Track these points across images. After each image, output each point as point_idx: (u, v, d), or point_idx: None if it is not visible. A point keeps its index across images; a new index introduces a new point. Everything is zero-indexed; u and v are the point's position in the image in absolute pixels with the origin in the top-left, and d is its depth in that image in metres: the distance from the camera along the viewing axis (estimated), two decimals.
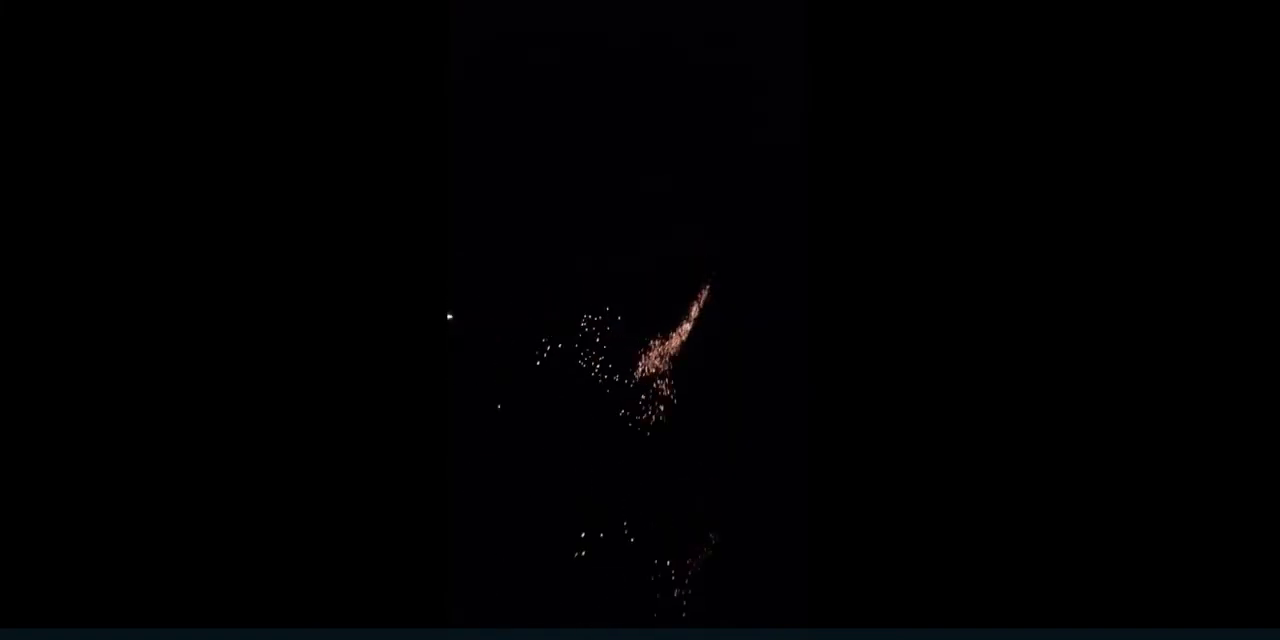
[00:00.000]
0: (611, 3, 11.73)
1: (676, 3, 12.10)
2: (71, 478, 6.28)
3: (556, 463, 11.42)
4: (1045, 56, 6.50)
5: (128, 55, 6.57)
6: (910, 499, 6.49)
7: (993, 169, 6.54)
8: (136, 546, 6.30)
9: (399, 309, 6.78)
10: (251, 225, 6.65)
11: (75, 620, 6.13)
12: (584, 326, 11.93)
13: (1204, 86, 6.28)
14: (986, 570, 6.31)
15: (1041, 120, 6.50)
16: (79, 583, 6.21)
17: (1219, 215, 6.25)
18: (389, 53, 6.84)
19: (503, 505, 10.82)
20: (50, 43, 6.48)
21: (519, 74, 11.88)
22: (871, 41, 6.71)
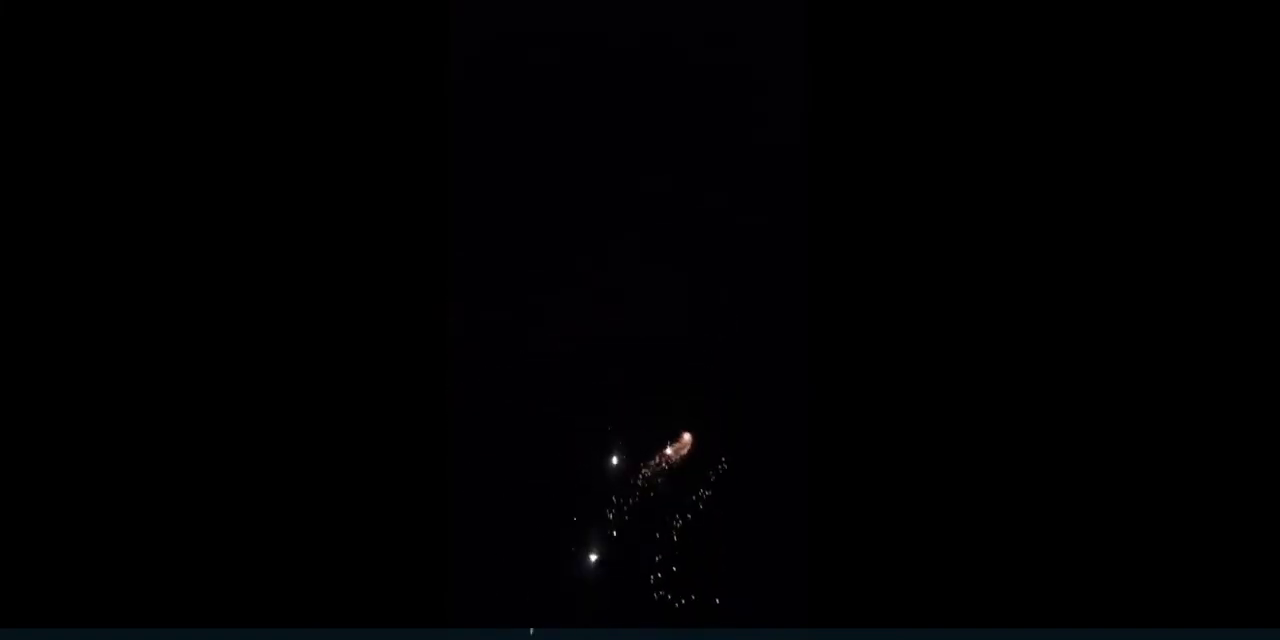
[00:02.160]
0: (611, 3, 11.71)
1: (676, 3, 12.08)
2: (72, 478, 6.27)
3: (556, 463, 11.38)
4: (1044, 57, 6.49)
5: (129, 55, 6.56)
6: (909, 500, 6.49)
7: (991, 168, 6.53)
8: (137, 546, 6.29)
9: (399, 307, 6.77)
10: (252, 224, 6.64)
11: (75, 620, 6.12)
12: (585, 330, 11.89)
13: (1203, 87, 6.27)
14: (986, 570, 6.30)
15: (1040, 120, 6.49)
16: (79, 583, 6.20)
17: (1218, 215, 6.24)
18: (389, 52, 6.84)
19: (502, 506, 10.79)
20: (51, 43, 6.48)
21: (519, 74, 11.85)
22: (871, 41, 6.70)
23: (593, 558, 10.92)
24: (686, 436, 11.07)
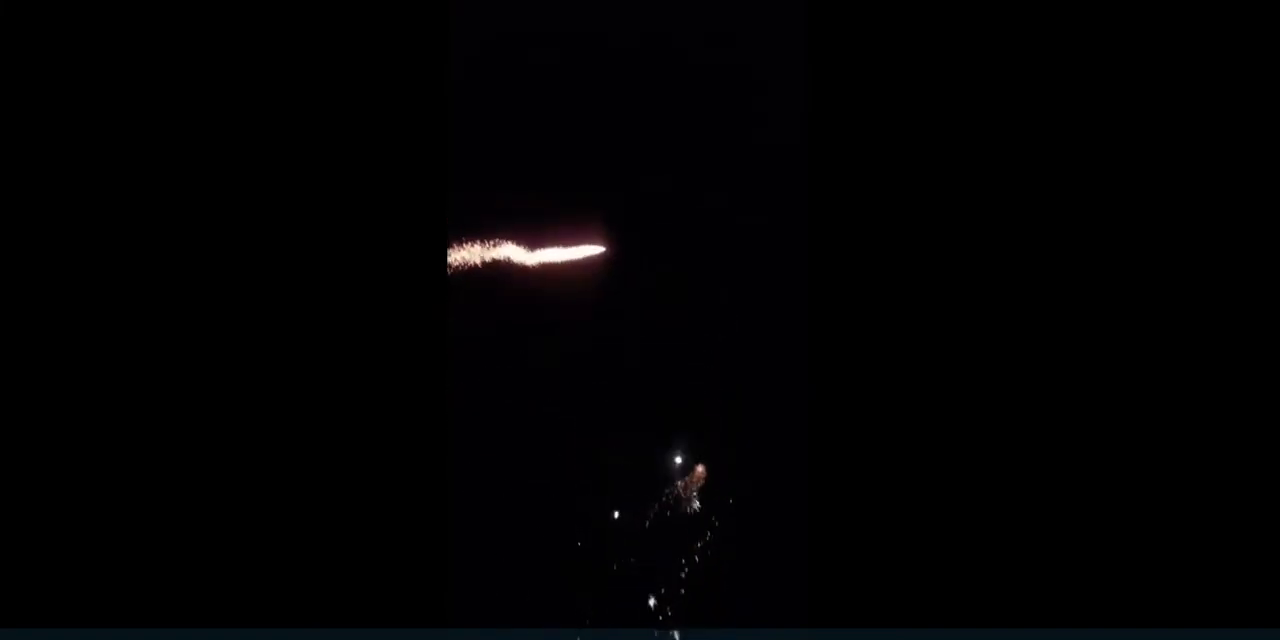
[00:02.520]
0: (611, 3, 11.71)
1: (676, 3, 12.08)
2: (72, 479, 6.27)
3: (555, 464, 11.38)
4: (1043, 57, 6.49)
5: (129, 55, 6.56)
6: (909, 500, 6.49)
7: (991, 168, 6.53)
8: (137, 546, 6.29)
9: (398, 307, 6.78)
10: (251, 224, 6.64)
11: (75, 620, 6.13)
12: (578, 323, 11.89)
13: (1203, 87, 6.28)
14: (986, 570, 6.31)
15: (1040, 120, 6.50)
16: (79, 583, 6.20)
17: (1218, 216, 6.24)
18: (389, 52, 6.84)
19: (502, 506, 10.79)
20: (51, 43, 6.48)
21: (519, 74, 11.85)
22: (871, 41, 6.70)
23: (592, 556, 10.91)
24: (700, 469, 11.16)
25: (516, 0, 11.62)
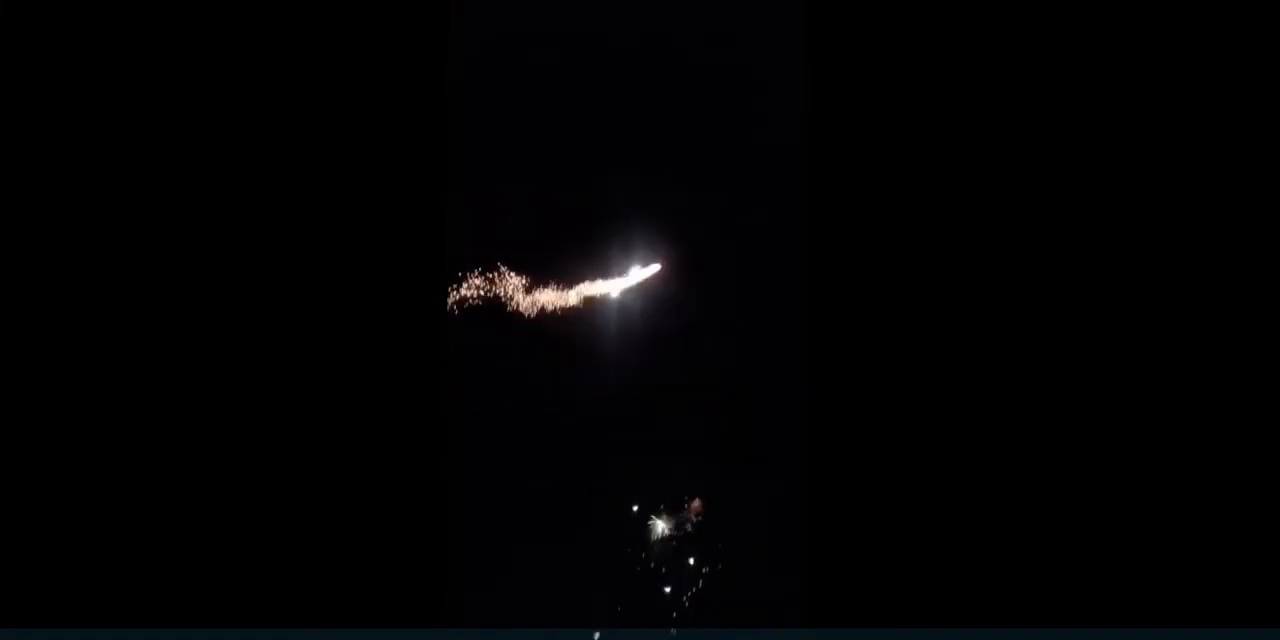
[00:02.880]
0: (611, 3, 11.71)
1: (676, 3, 12.07)
2: (73, 479, 6.28)
3: (555, 464, 11.38)
4: (1042, 57, 6.49)
5: (130, 54, 6.56)
6: (909, 500, 6.49)
7: (992, 168, 6.53)
8: (137, 547, 6.30)
9: (398, 307, 6.78)
10: (251, 224, 6.65)
11: (75, 620, 6.13)
12: (578, 323, 11.89)
13: (1203, 87, 6.28)
14: (985, 570, 6.31)
15: (1039, 120, 6.50)
16: (79, 583, 6.20)
17: (1218, 216, 6.24)
18: (389, 52, 6.84)
19: (502, 506, 10.79)
20: (51, 43, 6.48)
21: (519, 74, 11.85)
22: (871, 41, 6.70)
23: (591, 557, 10.91)
24: (696, 503, 11.20)
25: (516, 0, 11.62)
